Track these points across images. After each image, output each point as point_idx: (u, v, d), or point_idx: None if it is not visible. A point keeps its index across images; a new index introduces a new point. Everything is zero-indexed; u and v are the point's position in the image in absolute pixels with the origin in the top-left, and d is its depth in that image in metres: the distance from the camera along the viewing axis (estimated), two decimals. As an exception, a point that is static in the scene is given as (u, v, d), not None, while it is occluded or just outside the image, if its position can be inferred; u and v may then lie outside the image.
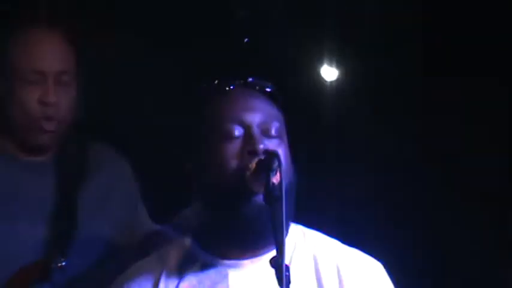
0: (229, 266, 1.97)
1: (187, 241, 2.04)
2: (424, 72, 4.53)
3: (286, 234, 1.81)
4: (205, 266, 2.00)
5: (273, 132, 1.95)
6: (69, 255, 2.44)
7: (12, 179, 2.59)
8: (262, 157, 1.85)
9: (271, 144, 1.90)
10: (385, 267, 2.02)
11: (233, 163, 1.90)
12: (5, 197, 2.52)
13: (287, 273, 1.68)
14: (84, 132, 2.74)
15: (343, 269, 2.02)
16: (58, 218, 2.54)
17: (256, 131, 1.94)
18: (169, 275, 2.02)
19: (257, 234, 1.91)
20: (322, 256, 2.03)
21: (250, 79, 2.09)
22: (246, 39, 3.79)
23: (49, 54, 2.59)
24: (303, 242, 2.04)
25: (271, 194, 1.77)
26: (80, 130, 2.71)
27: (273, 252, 1.72)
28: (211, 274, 1.99)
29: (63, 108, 2.53)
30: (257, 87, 2.07)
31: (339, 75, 4.26)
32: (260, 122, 1.96)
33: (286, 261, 1.70)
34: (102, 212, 2.60)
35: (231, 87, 2.05)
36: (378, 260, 2.04)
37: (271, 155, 1.82)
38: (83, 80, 2.69)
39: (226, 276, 1.97)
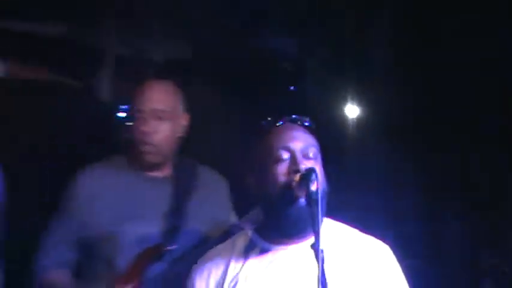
0: (280, 250, 2.46)
1: (250, 233, 2.55)
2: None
3: (321, 226, 2.20)
4: (263, 251, 2.47)
5: (311, 155, 2.41)
6: (176, 242, 3.13)
7: (140, 189, 3.23)
8: (304, 172, 2.33)
9: (310, 164, 2.36)
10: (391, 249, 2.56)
11: (282, 179, 2.37)
12: (136, 201, 3.18)
13: (322, 255, 2.14)
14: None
15: (360, 250, 2.51)
16: (171, 217, 3.23)
17: (298, 155, 2.40)
18: (237, 258, 2.50)
19: (300, 227, 2.37)
20: (345, 241, 2.52)
21: (293, 116, 2.56)
22: (291, 87, 4.34)
23: (155, 96, 3.27)
24: (331, 231, 2.51)
25: (311, 197, 2.25)
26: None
27: (311, 239, 2.19)
28: (267, 256, 2.47)
29: (158, 137, 3.20)
30: (298, 122, 2.54)
31: (359, 113, 4.82)
32: (301, 149, 2.41)
33: (321, 245, 2.14)
34: (202, 215, 3.26)
35: (280, 123, 2.53)
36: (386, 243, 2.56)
37: (310, 170, 2.29)
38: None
39: (278, 257, 2.45)
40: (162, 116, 3.18)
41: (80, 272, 3.25)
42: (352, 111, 4.97)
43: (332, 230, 2.54)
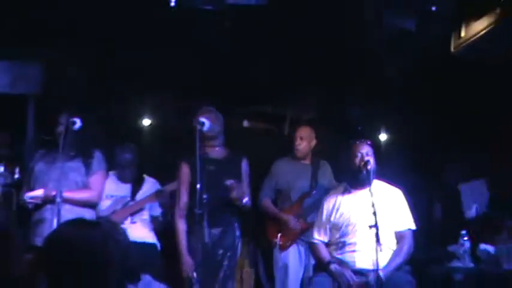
0: (356, 192, 5.66)
1: (345, 184, 5.81)
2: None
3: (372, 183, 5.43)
4: (349, 192, 5.72)
5: (369, 154, 5.63)
6: (315, 190, 6.72)
7: (293, 171, 6.77)
8: (367, 160, 5.58)
9: (370, 158, 5.58)
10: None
11: (357, 167, 5.60)
12: (298, 173, 6.71)
13: (373, 196, 5.33)
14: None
15: (389, 192, 5.66)
16: (312, 179, 6.85)
17: (365, 156, 5.58)
18: (340, 194, 5.75)
19: (364, 183, 5.54)
20: (382, 188, 5.65)
21: (362, 139, 5.74)
22: (359, 128, 7.70)
23: None
24: (377, 184, 5.56)
25: (368, 171, 5.50)
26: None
27: (368, 188, 5.41)
28: (351, 194, 5.70)
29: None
30: (363, 141, 5.73)
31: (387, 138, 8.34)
32: (366, 153, 5.61)
33: (372, 190, 5.36)
34: (325, 179, 6.79)
35: (357, 142, 5.70)
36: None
37: (369, 160, 5.56)
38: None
39: (355, 195, 5.65)
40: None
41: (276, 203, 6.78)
42: (383, 137, 8.71)
43: (377, 184, 5.58)
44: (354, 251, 5.52)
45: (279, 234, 6.74)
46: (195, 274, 5.56)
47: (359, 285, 5.40)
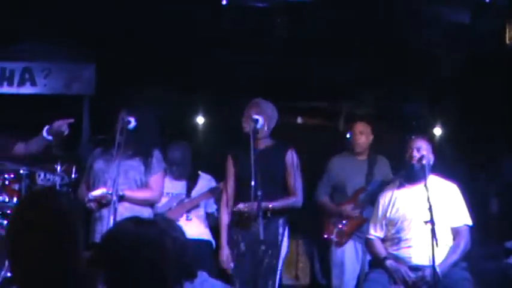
0: (411, 187, 5.63)
1: (400, 179, 5.82)
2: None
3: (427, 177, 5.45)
4: (403, 186, 5.72)
5: (426, 150, 5.62)
6: (371, 185, 6.66)
7: (350, 167, 6.79)
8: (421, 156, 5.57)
9: (425, 153, 5.60)
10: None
11: (412, 161, 5.60)
12: (348, 176, 6.75)
13: (428, 190, 5.36)
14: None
15: (444, 187, 5.62)
16: (369, 176, 6.77)
17: (421, 151, 5.57)
18: (398, 190, 5.74)
19: (420, 178, 5.51)
20: (438, 183, 5.61)
21: (417, 134, 5.81)
22: (414, 122, 7.68)
23: None
24: (432, 179, 5.57)
25: (423, 166, 5.49)
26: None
27: (423, 183, 5.44)
28: (405, 189, 5.69)
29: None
30: (419, 136, 5.76)
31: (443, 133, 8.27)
32: (421, 147, 5.59)
33: (428, 186, 5.37)
34: (381, 175, 6.74)
35: (412, 137, 5.72)
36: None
37: (423, 155, 5.55)
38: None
39: (410, 190, 5.63)
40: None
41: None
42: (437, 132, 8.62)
43: (432, 179, 5.58)
44: (409, 246, 5.52)
45: (335, 231, 6.76)
46: (232, 265, 5.70)
47: (415, 281, 5.40)
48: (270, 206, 5.57)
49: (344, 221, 6.79)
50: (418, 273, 5.42)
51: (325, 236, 6.87)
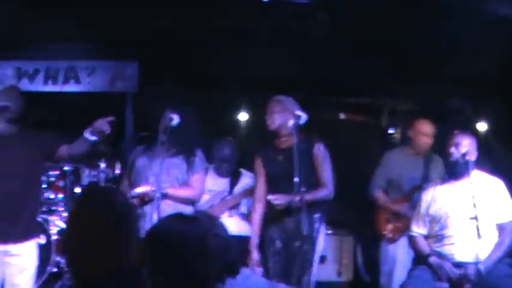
0: (454, 183, 5.56)
1: (444, 175, 5.83)
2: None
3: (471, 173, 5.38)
4: (447, 182, 5.65)
5: (469, 145, 5.55)
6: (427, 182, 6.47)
7: (405, 163, 6.79)
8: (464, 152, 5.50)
9: (468, 149, 5.52)
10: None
11: (455, 157, 5.54)
12: (404, 172, 6.73)
13: (472, 185, 5.31)
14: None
15: (489, 183, 5.52)
16: (427, 170, 6.72)
17: (464, 146, 5.50)
18: (441, 186, 5.70)
19: (464, 174, 5.44)
20: (482, 178, 5.53)
21: (460, 130, 5.72)
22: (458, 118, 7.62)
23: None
24: (476, 174, 5.46)
25: (467, 162, 5.40)
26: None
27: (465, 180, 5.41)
28: (448, 186, 5.63)
29: None
30: (462, 131, 5.66)
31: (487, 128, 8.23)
32: (464, 143, 5.53)
33: (471, 181, 5.31)
34: (434, 173, 6.68)
35: (455, 132, 5.63)
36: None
37: (467, 150, 5.47)
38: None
39: (453, 186, 5.55)
40: None
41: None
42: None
43: (477, 174, 5.49)
44: (452, 243, 5.49)
45: (389, 226, 6.73)
46: (261, 268, 5.73)
47: (459, 278, 5.37)
48: (298, 199, 5.47)
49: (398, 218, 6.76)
50: (461, 270, 5.39)
51: (378, 231, 6.85)
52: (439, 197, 5.65)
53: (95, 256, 2.72)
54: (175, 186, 5.69)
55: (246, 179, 6.85)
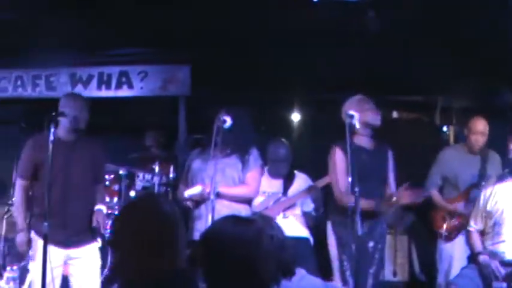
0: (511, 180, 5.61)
1: (505, 172, 5.78)
2: None
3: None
4: (505, 179, 5.73)
5: None
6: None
7: (461, 160, 6.71)
8: None
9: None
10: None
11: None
12: (460, 170, 6.70)
13: None
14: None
15: None
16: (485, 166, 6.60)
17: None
18: (500, 183, 5.68)
19: None
20: None
21: None
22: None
23: None
24: None
25: None
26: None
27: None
28: (506, 184, 5.62)
29: None
30: None
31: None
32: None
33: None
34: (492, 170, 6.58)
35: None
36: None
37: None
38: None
39: (509, 183, 5.57)
40: None
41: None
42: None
43: None
44: (503, 241, 5.49)
45: (445, 225, 6.64)
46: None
47: (506, 277, 5.28)
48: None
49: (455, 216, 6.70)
50: (508, 269, 5.32)
51: (434, 230, 6.77)
52: (497, 194, 5.65)
53: (137, 262, 2.76)
54: (230, 185, 5.71)
55: (300, 181, 6.86)
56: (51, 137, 5.10)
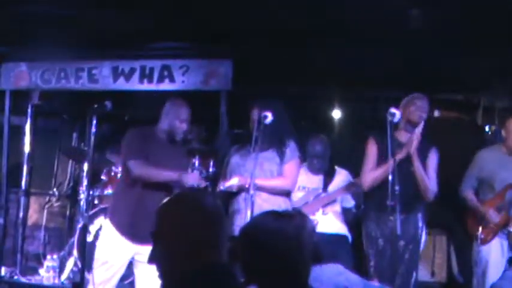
0: None
1: None
2: None
3: None
4: None
5: None
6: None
7: (498, 161, 6.54)
8: None
9: None
10: None
11: None
12: (496, 170, 6.51)
13: None
14: None
15: None
16: None
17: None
18: None
19: None
20: None
21: None
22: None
23: None
24: None
25: None
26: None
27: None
28: None
29: None
30: None
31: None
32: None
33: None
34: None
35: None
36: None
37: None
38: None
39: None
40: None
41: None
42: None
43: None
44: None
45: (480, 227, 6.55)
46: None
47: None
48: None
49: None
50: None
51: (470, 232, 6.69)
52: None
53: (177, 255, 2.78)
54: (267, 178, 5.72)
55: (340, 177, 6.87)
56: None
